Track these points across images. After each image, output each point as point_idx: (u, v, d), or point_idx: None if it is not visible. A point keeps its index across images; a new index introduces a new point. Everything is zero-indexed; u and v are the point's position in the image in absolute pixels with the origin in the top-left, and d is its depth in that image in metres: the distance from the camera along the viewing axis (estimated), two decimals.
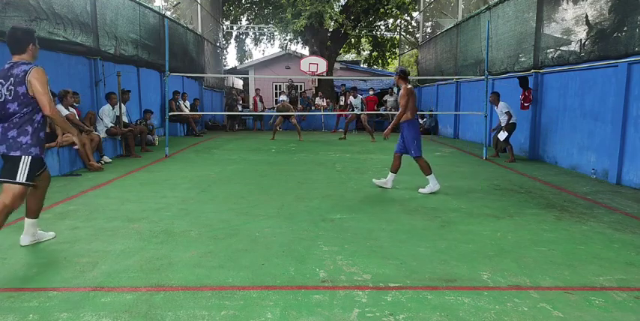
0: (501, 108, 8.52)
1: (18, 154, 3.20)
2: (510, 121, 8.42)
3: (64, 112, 7.08)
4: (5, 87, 3.16)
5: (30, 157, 3.25)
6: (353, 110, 13.44)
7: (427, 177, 5.71)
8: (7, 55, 6.01)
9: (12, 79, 3.14)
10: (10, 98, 3.16)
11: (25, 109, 3.20)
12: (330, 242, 3.71)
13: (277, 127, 13.16)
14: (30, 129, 3.28)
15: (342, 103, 16.52)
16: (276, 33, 22.23)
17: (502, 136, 8.52)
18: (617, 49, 6.39)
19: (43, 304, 2.57)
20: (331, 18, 16.55)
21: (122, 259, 3.28)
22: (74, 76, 7.97)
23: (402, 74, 5.65)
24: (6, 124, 3.20)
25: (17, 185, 3.18)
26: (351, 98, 13.48)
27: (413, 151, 5.72)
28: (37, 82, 3.14)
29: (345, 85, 16.93)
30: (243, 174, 7.02)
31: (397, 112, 5.81)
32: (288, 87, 19.44)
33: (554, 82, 8.34)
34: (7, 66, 3.22)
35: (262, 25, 22.45)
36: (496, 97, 8.72)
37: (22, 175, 3.18)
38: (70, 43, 7.46)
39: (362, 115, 13.23)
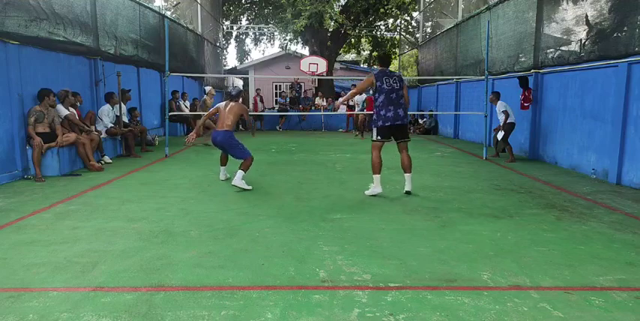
0: (499, 107, 8.55)
1: (406, 122, 5.54)
2: (508, 121, 8.42)
3: (64, 112, 7.09)
4: (392, 81, 5.40)
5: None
6: (346, 105, 13.60)
7: (221, 167, 6.37)
8: (7, 54, 5.99)
9: (395, 78, 5.43)
10: (398, 88, 5.40)
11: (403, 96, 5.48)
12: (330, 242, 3.71)
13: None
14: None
15: (350, 102, 16.33)
16: (276, 33, 22.24)
17: (499, 135, 8.55)
18: (617, 49, 6.39)
19: (43, 304, 2.57)
20: (331, 18, 16.55)
21: (122, 259, 3.28)
22: (74, 76, 7.96)
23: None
24: (401, 107, 5.41)
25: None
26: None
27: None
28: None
29: (355, 85, 16.88)
30: None
31: None
32: (290, 86, 19.43)
33: (554, 82, 8.34)
34: (387, 71, 5.51)
35: (262, 25, 22.46)
36: (495, 97, 8.74)
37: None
38: (70, 43, 7.45)
39: (360, 115, 13.54)
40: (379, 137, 5.47)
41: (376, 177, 5.46)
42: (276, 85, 23.95)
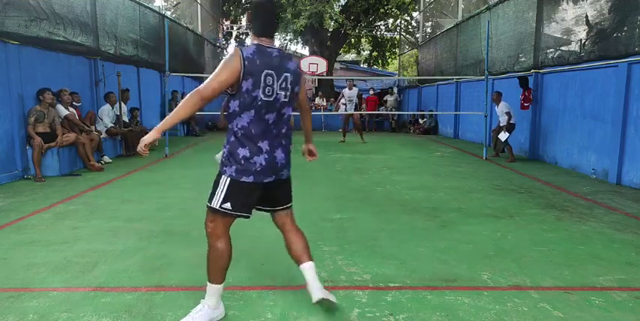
0: (502, 108, 8.51)
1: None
2: (510, 122, 8.41)
3: (64, 112, 7.08)
4: (278, 84, 2.31)
5: None
6: (345, 105, 12.33)
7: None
8: (7, 54, 5.97)
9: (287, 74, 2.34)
10: (287, 101, 2.37)
11: (288, 116, 2.40)
12: (330, 242, 3.71)
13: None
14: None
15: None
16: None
17: (503, 136, 8.46)
18: (617, 49, 6.39)
19: (43, 304, 2.57)
20: (331, 18, 16.54)
21: (122, 259, 3.28)
22: (74, 76, 7.96)
23: None
24: (283, 140, 2.40)
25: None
26: (346, 90, 12.10)
27: None
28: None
29: (355, 85, 16.42)
30: None
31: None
32: None
33: (554, 82, 8.33)
34: (275, 53, 2.33)
35: None
36: (498, 97, 8.70)
37: None
38: (70, 43, 7.45)
39: (354, 114, 12.27)
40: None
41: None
42: None
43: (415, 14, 19.77)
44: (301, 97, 2.52)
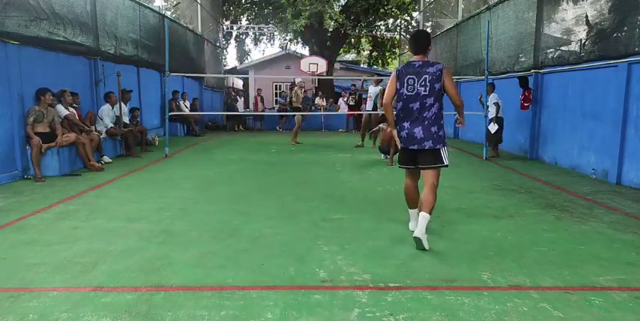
0: (492, 98, 8.68)
1: (440, 147, 3.72)
2: (497, 115, 8.46)
3: (64, 112, 7.08)
4: (418, 83, 3.64)
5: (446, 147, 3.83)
6: (348, 104, 11.40)
7: None
8: (7, 54, 5.96)
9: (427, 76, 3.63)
10: (426, 94, 3.64)
11: (438, 105, 3.70)
12: (330, 242, 3.71)
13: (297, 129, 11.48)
14: (442, 122, 3.77)
15: (351, 102, 15.42)
16: (276, 33, 22.24)
17: (492, 128, 8.55)
18: (617, 49, 6.39)
19: (43, 304, 2.57)
20: (331, 18, 16.55)
21: (122, 259, 3.28)
22: (74, 76, 7.95)
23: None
24: (426, 121, 3.67)
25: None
26: (371, 87, 10.92)
27: None
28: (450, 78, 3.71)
29: (355, 85, 16.33)
30: (243, 174, 7.03)
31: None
32: (290, 87, 19.40)
33: (555, 82, 8.33)
34: (418, 64, 3.69)
35: (262, 25, 22.44)
36: (491, 88, 8.98)
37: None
38: (70, 43, 7.45)
39: (364, 115, 11.12)
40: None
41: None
42: (276, 85, 23.93)
43: (415, 14, 19.77)
44: (450, 93, 3.71)
